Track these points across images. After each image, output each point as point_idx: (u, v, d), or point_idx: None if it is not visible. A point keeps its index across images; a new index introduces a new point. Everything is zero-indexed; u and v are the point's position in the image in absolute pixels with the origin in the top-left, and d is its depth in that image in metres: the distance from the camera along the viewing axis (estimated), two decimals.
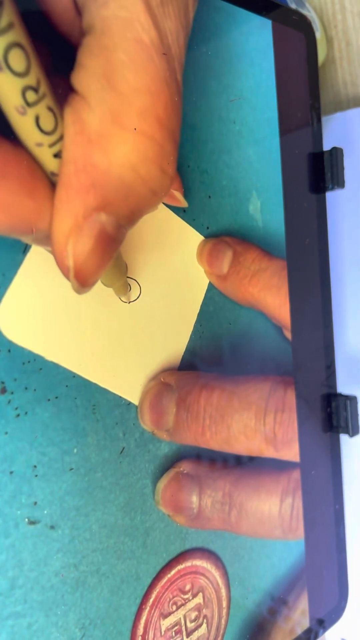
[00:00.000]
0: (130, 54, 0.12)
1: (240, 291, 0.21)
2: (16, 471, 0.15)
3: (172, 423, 0.19)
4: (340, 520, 0.26)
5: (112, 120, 0.12)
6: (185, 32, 0.14)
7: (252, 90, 0.22)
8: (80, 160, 0.12)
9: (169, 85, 0.13)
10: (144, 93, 0.12)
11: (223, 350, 0.21)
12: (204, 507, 0.20)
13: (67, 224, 0.12)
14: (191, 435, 0.20)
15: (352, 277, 0.29)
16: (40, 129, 0.12)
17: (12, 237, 0.14)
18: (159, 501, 0.19)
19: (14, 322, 0.15)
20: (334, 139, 0.29)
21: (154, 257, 0.19)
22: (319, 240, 0.25)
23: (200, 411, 0.20)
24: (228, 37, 0.21)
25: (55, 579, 0.16)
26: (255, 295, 0.22)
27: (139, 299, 0.19)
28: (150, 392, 0.19)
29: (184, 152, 0.20)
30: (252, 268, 0.22)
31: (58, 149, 0.12)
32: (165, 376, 0.19)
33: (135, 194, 0.13)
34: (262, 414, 0.20)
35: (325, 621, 0.25)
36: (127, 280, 0.18)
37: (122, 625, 0.18)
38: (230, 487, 0.21)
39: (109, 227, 0.13)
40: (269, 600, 0.23)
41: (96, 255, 0.13)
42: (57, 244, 0.13)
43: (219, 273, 0.21)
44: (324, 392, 0.25)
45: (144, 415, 0.18)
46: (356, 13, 0.31)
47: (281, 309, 0.23)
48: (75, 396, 0.17)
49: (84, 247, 0.12)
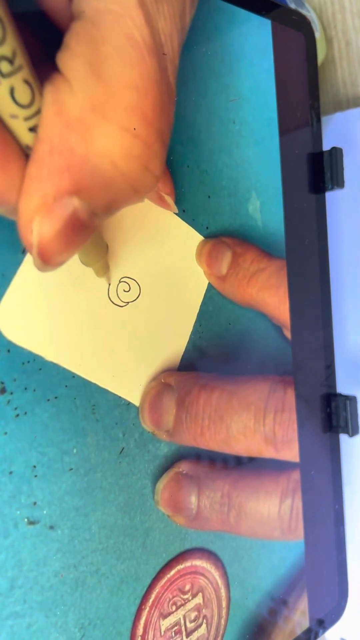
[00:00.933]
0: (120, 48, 0.12)
1: (239, 292, 0.21)
2: (16, 471, 0.15)
3: (171, 423, 0.19)
4: (340, 520, 0.26)
5: (92, 109, 0.12)
6: (180, 35, 0.14)
7: (252, 90, 0.22)
8: (57, 141, 0.12)
9: (158, 84, 0.12)
10: (131, 89, 0.12)
11: (223, 350, 0.21)
12: (202, 508, 0.20)
13: (35, 201, 0.12)
14: (190, 435, 0.20)
15: (352, 277, 0.29)
16: (15, 101, 0.12)
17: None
18: (158, 501, 0.19)
19: (13, 323, 0.15)
20: (334, 139, 0.29)
21: (154, 257, 0.19)
22: (318, 240, 0.25)
23: (199, 412, 0.20)
24: (228, 37, 0.21)
25: (54, 579, 0.16)
26: (254, 296, 0.22)
27: (139, 299, 0.19)
28: (150, 393, 0.19)
29: (184, 152, 0.20)
30: (251, 269, 0.22)
31: (34, 124, 0.12)
32: (165, 377, 0.19)
33: (114, 187, 0.13)
34: (262, 414, 0.20)
35: (325, 621, 0.25)
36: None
37: (121, 626, 0.18)
38: (229, 487, 0.21)
39: (82, 213, 0.12)
40: (269, 601, 0.23)
41: (64, 238, 0.12)
42: (22, 219, 0.12)
43: (218, 274, 0.21)
44: (323, 392, 0.25)
45: (145, 416, 0.18)
46: (356, 13, 0.31)
47: (280, 308, 0.23)
48: (75, 396, 0.17)
49: (51, 229, 0.12)
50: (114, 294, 0.18)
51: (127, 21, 0.12)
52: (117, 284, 0.18)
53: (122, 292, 0.18)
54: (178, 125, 0.19)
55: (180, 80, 0.20)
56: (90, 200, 0.12)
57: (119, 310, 0.18)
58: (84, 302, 0.17)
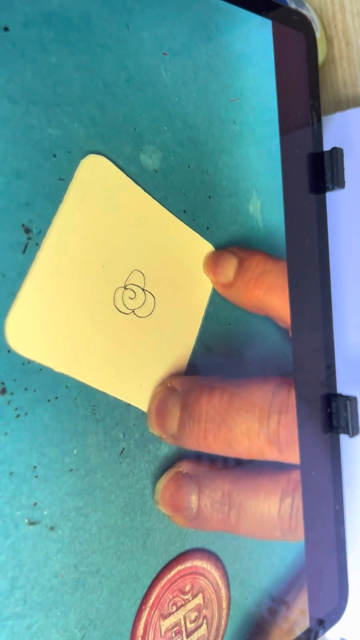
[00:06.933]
0: None
1: (245, 295, 0.21)
2: (16, 472, 0.15)
3: (176, 427, 0.19)
4: (340, 520, 0.26)
5: None
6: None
7: (252, 90, 0.22)
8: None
9: None
10: None
11: (228, 353, 0.21)
12: (203, 508, 0.20)
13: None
14: (193, 439, 0.20)
15: (352, 277, 0.29)
16: None
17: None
18: (158, 501, 0.19)
19: (23, 337, 0.15)
20: (334, 139, 0.29)
21: (160, 264, 0.19)
22: (319, 240, 0.25)
23: (202, 414, 0.19)
24: (228, 37, 0.21)
25: (55, 580, 0.16)
26: (261, 297, 0.22)
27: (144, 306, 0.19)
28: (156, 397, 0.19)
29: (184, 152, 0.20)
30: (257, 271, 0.21)
31: None
32: (171, 380, 0.19)
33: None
34: (266, 415, 0.20)
35: (325, 621, 0.25)
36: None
37: (122, 626, 0.18)
38: (229, 487, 0.20)
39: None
40: (269, 601, 0.23)
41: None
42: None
43: (224, 281, 0.21)
44: (324, 393, 0.25)
45: (152, 420, 0.19)
46: (356, 13, 0.31)
47: (287, 309, 0.23)
48: (75, 397, 0.17)
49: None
50: (120, 302, 0.18)
51: None
52: (122, 291, 0.18)
53: (127, 299, 0.18)
54: (178, 125, 0.19)
55: (181, 80, 0.20)
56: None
57: (125, 317, 0.18)
58: (90, 311, 0.17)
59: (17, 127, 0.15)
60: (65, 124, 0.16)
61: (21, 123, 0.15)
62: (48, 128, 0.16)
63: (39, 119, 0.16)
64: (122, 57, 0.18)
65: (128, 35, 0.18)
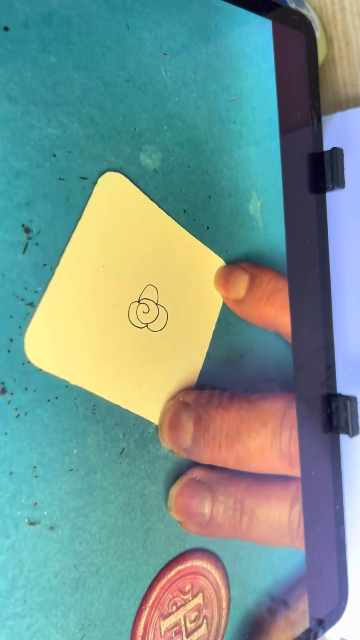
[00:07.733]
0: None
1: (257, 312, 0.21)
2: (16, 472, 0.15)
3: (189, 441, 0.19)
4: (340, 520, 0.26)
5: None
6: None
7: (252, 90, 0.22)
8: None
9: None
10: None
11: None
12: (215, 514, 0.20)
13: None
14: (208, 453, 0.20)
15: (352, 277, 0.29)
16: None
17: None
18: (172, 508, 0.19)
19: (41, 350, 0.16)
20: (334, 139, 0.29)
21: (172, 279, 0.19)
22: (319, 240, 0.25)
23: (217, 430, 0.20)
24: (228, 37, 0.21)
25: (55, 580, 0.16)
26: (272, 315, 0.22)
27: (157, 320, 0.19)
28: (169, 412, 0.19)
29: (184, 152, 0.20)
30: (269, 288, 0.22)
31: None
32: (183, 395, 0.19)
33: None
34: (278, 431, 0.21)
35: (325, 622, 0.25)
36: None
37: (121, 626, 0.18)
38: (242, 493, 0.21)
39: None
40: (269, 601, 0.23)
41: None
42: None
43: (235, 297, 0.21)
44: (324, 393, 0.25)
45: (163, 434, 0.19)
46: (356, 13, 0.31)
47: None
48: (75, 396, 0.17)
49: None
50: (134, 316, 0.18)
51: None
52: (137, 305, 0.18)
53: (141, 313, 0.18)
54: (178, 125, 0.20)
55: (181, 80, 0.20)
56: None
57: (138, 331, 0.18)
58: (105, 325, 0.17)
59: (17, 127, 0.15)
60: (65, 124, 0.16)
61: (21, 123, 0.15)
62: (48, 128, 0.16)
63: (39, 119, 0.16)
64: (121, 57, 0.18)
65: (128, 35, 0.18)
